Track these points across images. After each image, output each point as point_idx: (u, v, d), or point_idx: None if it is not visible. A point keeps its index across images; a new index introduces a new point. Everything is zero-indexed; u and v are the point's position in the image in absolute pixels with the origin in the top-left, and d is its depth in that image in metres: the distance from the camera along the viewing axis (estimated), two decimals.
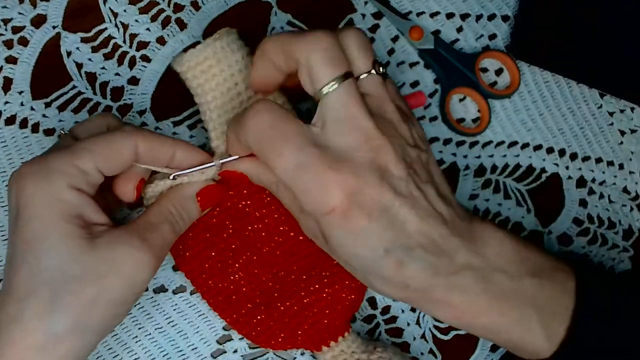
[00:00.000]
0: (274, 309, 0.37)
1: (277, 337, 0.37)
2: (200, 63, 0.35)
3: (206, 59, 0.35)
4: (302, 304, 0.36)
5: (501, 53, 0.46)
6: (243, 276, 0.37)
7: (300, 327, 0.36)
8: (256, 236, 0.37)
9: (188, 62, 0.35)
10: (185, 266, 0.37)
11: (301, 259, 0.37)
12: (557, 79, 0.47)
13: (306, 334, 0.36)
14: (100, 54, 0.43)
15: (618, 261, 0.45)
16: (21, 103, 0.42)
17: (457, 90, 0.45)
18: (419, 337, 0.41)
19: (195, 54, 0.35)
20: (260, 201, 0.37)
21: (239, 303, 0.37)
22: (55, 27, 0.43)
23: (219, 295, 0.37)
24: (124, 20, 0.43)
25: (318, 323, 0.36)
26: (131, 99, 0.42)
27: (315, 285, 0.37)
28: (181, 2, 0.44)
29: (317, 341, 0.36)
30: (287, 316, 0.37)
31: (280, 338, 0.37)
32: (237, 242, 0.37)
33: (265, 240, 0.37)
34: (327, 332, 0.36)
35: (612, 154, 0.46)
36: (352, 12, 0.45)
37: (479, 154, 0.45)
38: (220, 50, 0.35)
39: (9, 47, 0.42)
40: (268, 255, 0.37)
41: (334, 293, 0.37)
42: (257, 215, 0.37)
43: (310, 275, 0.37)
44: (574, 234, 0.45)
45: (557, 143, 0.46)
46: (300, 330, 0.36)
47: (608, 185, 0.46)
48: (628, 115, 0.47)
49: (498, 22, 0.47)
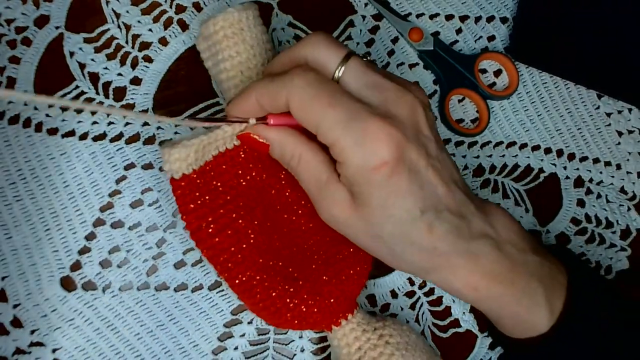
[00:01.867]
0: (292, 287, 0.36)
1: (294, 316, 0.36)
2: (233, 24, 0.36)
3: (239, 22, 0.36)
4: (320, 281, 0.36)
5: (500, 54, 0.46)
6: (262, 253, 0.36)
7: (317, 304, 0.36)
8: (274, 213, 0.36)
9: (223, 21, 0.36)
10: (204, 243, 0.35)
11: (317, 237, 0.37)
12: (555, 80, 0.47)
13: (320, 313, 0.36)
14: (103, 54, 0.43)
15: (615, 260, 0.45)
16: (24, 103, 0.42)
17: (456, 91, 0.45)
18: None
19: (230, 15, 0.36)
20: (277, 177, 0.36)
21: (260, 283, 0.35)
22: (58, 28, 0.43)
23: (239, 277, 0.35)
24: (127, 21, 0.43)
25: (332, 301, 0.36)
26: (133, 99, 0.42)
27: (331, 262, 0.37)
28: (183, 3, 0.44)
29: (329, 320, 0.36)
30: (306, 293, 0.36)
31: (298, 316, 0.36)
32: (256, 218, 0.36)
33: (282, 218, 0.36)
34: (339, 310, 0.36)
35: (609, 155, 0.47)
36: (353, 14, 0.46)
37: (478, 154, 0.45)
38: (252, 18, 0.37)
39: (12, 47, 0.42)
40: (286, 233, 0.37)
41: (347, 271, 0.37)
42: (275, 192, 0.36)
43: (326, 253, 0.37)
44: (571, 233, 0.45)
45: (555, 143, 0.46)
46: (316, 308, 0.36)
47: (605, 185, 0.46)
48: (625, 117, 0.48)
49: (497, 24, 0.47)
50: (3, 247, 0.39)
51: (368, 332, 0.36)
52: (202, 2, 0.44)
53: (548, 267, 0.35)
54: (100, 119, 0.42)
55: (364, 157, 0.30)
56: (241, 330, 0.40)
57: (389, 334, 0.36)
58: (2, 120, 0.41)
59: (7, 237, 0.40)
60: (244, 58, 0.36)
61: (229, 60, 0.36)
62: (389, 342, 0.36)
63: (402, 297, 0.42)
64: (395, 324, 0.37)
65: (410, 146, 0.30)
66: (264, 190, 0.36)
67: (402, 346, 0.36)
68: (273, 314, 0.36)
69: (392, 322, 0.37)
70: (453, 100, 0.46)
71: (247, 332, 0.40)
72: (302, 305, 0.36)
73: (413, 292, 0.42)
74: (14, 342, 0.38)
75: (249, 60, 0.36)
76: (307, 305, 0.36)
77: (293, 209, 0.37)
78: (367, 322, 0.37)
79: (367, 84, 0.31)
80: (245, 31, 0.36)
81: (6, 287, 0.39)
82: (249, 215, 0.35)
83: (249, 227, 0.35)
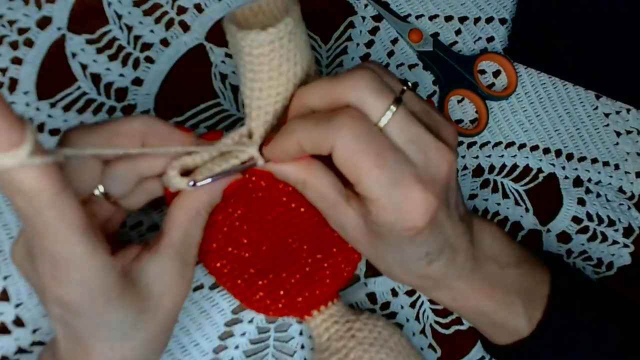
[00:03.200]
0: (276, 276, 0.37)
1: (277, 303, 0.37)
2: (262, 45, 0.30)
3: (271, 44, 0.31)
4: (304, 272, 0.37)
5: (499, 55, 0.47)
6: (246, 242, 0.36)
7: (301, 294, 0.37)
8: (259, 205, 0.36)
9: (252, 43, 0.30)
10: None
11: (303, 230, 0.37)
12: (553, 81, 0.47)
13: (305, 301, 0.37)
14: (104, 55, 0.43)
15: (617, 256, 0.45)
16: (26, 103, 0.42)
17: (455, 91, 0.46)
18: (419, 332, 0.42)
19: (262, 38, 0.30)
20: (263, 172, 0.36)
21: (241, 269, 0.36)
22: (60, 29, 0.43)
23: (221, 260, 0.36)
24: (128, 22, 0.44)
25: (316, 291, 0.37)
26: (135, 100, 0.43)
27: (317, 255, 0.37)
28: (184, 5, 0.44)
29: (311, 307, 0.37)
30: (289, 283, 0.37)
31: (280, 304, 0.37)
32: (240, 209, 0.36)
33: (267, 210, 0.37)
34: (322, 299, 0.37)
35: (607, 155, 0.47)
36: (353, 15, 0.46)
37: (477, 155, 0.46)
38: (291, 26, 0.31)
39: (15, 48, 0.43)
40: (270, 224, 0.37)
41: (334, 264, 0.37)
42: (261, 185, 0.36)
43: (312, 246, 0.37)
44: (573, 232, 0.45)
45: (554, 144, 0.47)
46: (300, 297, 0.37)
47: (604, 185, 0.47)
48: (623, 117, 0.48)
49: (496, 25, 0.48)
50: (5, 247, 0.40)
51: (338, 323, 0.37)
52: (203, 3, 0.45)
53: (531, 278, 0.37)
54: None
55: (398, 219, 0.30)
56: (242, 329, 0.40)
57: (357, 328, 0.37)
58: None
59: (9, 237, 0.40)
60: (266, 77, 0.32)
61: (250, 74, 0.32)
62: (354, 336, 0.36)
63: (403, 296, 0.42)
64: (370, 320, 0.37)
65: (441, 209, 0.31)
66: (250, 183, 0.36)
67: (368, 341, 0.36)
68: (255, 303, 0.37)
69: (368, 317, 0.38)
70: (452, 100, 0.46)
71: (248, 330, 0.40)
72: (289, 294, 0.37)
73: (413, 290, 0.42)
74: (15, 342, 0.38)
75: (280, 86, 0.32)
76: (294, 294, 0.37)
77: (282, 201, 0.37)
78: (342, 314, 0.37)
79: (411, 138, 0.30)
80: (275, 51, 0.31)
81: (8, 287, 0.39)
82: (231, 207, 0.36)
83: (230, 219, 0.36)
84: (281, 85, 0.32)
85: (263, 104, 0.33)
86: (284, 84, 0.32)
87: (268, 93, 0.32)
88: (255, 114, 0.33)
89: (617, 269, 0.45)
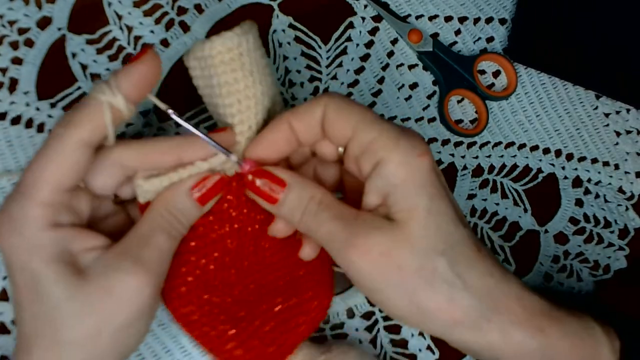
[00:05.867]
0: (249, 324, 0.35)
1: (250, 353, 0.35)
2: (231, 50, 0.33)
3: (239, 46, 0.33)
4: (278, 319, 0.36)
5: (499, 55, 0.47)
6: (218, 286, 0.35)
7: (275, 342, 0.36)
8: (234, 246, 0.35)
9: (221, 46, 0.33)
10: None
11: (278, 270, 0.36)
12: (553, 81, 0.47)
13: (279, 350, 0.36)
14: (105, 55, 0.43)
15: (614, 259, 0.46)
16: (27, 103, 0.42)
17: (455, 92, 0.46)
18: (417, 334, 0.42)
19: (229, 41, 0.33)
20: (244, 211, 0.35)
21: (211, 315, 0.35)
22: (60, 29, 0.43)
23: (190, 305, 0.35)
24: (128, 22, 0.44)
25: (290, 339, 0.36)
26: None
27: (293, 299, 0.36)
28: (185, 5, 0.44)
29: (284, 354, 0.36)
30: (263, 331, 0.36)
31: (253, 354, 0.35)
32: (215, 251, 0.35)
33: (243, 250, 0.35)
34: (295, 345, 0.37)
35: (607, 155, 0.47)
36: (352, 15, 0.46)
37: (477, 155, 0.46)
38: (252, 41, 0.34)
39: (15, 48, 0.43)
40: (244, 265, 0.36)
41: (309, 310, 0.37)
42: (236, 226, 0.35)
43: (288, 289, 0.36)
44: (570, 233, 0.46)
45: (554, 144, 0.47)
46: (274, 346, 0.36)
47: (604, 185, 0.47)
48: (623, 117, 0.48)
49: (495, 25, 0.48)
50: None
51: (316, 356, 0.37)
52: (203, 4, 0.45)
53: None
54: None
55: (406, 149, 0.30)
56: None
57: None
58: (4, 121, 0.42)
59: None
60: (242, 86, 0.33)
61: (225, 87, 0.33)
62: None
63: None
64: (339, 355, 0.38)
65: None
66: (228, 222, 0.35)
67: None
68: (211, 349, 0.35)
69: (339, 352, 0.38)
70: (452, 101, 0.46)
71: None
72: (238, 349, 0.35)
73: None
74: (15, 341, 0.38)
75: (247, 89, 0.33)
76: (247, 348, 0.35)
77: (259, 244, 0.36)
78: (316, 348, 0.38)
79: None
80: (244, 56, 0.33)
81: (7, 286, 0.39)
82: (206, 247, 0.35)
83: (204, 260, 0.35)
84: (257, 92, 0.34)
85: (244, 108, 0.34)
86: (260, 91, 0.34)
87: (247, 104, 0.34)
88: (238, 120, 0.34)
89: (614, 273, 0.45)
